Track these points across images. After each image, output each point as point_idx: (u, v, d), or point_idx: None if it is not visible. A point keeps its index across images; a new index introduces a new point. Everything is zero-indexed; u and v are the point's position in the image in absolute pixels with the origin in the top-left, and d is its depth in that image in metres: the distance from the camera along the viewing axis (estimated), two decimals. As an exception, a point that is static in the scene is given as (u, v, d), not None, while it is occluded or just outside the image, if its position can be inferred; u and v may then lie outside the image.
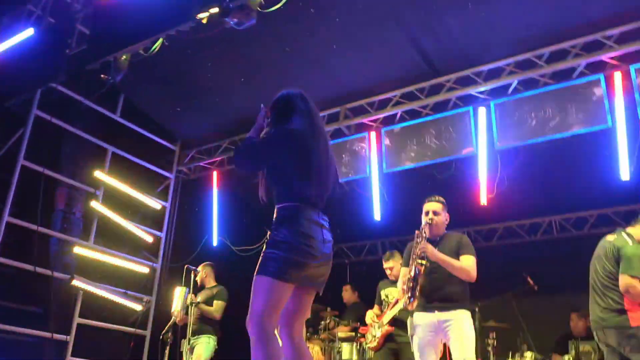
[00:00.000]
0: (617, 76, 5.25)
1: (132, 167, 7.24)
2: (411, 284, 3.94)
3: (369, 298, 7.40)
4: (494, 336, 5.79)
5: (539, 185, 6.74)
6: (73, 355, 6.09)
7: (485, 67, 5.78)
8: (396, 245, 8.38)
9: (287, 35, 5.93)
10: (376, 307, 5.62)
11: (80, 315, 6.31)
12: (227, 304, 6.24)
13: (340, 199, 3.10)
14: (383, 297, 5.46)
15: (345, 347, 6.10)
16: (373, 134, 6.44)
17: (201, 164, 7.83)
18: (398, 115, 6.36)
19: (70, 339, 6.05)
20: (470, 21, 5.38)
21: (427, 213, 4.22)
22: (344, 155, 6.60)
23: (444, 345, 4.04)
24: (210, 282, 6.52)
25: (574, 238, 7.45)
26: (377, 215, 6.47)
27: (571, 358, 5.41)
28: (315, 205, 2.80)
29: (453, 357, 3.87)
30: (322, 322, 6.48)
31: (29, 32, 5.64)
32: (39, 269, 5.85)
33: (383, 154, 6.33)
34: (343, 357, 6.05)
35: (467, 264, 4.02)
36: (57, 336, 5.92)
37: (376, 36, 5.73)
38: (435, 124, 6.05)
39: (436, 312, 3.98)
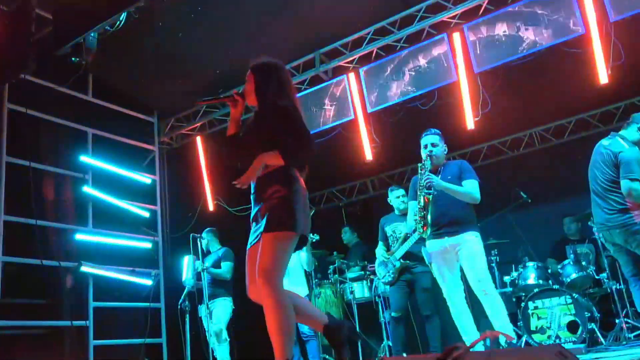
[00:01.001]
0: (585, -19, 5.29)
1: (115, 146, 7.15)
2: (422, 213, 4.12)
3: (368, 236, 7.62)
4: (496, 252, 6.06)
5: (518, 101, 6.87)
6: (95, 338, 6.17)
7: (454, -9, 5.77)
8: (387, 181, 8.53)
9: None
10: (381, 243, 5.75)
11: (94, 299, 6.37)
12: (234, 264, 6.38)
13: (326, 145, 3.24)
14: (390, 233, 5.59)
15: (357, 286, 6.31)
16: (352, 75, 6.44)
17: (182, 131, 7.77)
18: (374, 53, 6.34)
19: (90, 323, 6.13)
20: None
21: (425, 146, 4.37)
22: (326, 101, 6.61)
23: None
24: (215, 246, 6.64)
25: (556, 146, 7.67)
26: (368, 155, 6.55)
27: (571, 261, 5.67)
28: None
29: (467, 277, 4.08)
30: (331, 266, 6.67)
31: (-15, 25, 5.41)
32: (45, 262, 5.84)
33: (365, 93, 6.35)
34: (357, 296, 6.26)
35: (470, 187, 4.20)
36: (76, 323, 5.99)
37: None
38: (411, 55, 6.06)
39: (446, 237, 4.19)
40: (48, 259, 6.06)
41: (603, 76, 5.26)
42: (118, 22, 5.15)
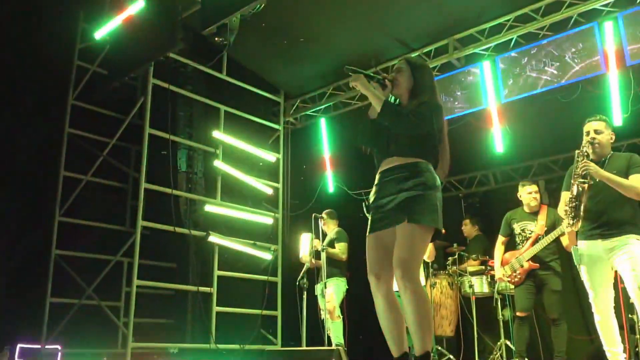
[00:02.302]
0: None
1: (243, 123, 7.41)
2: (574, 204, 3.76)
3: (486, 229, 7.37)
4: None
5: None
6: (217, 305, 6.50)
7: (610, -25, 5.34)
8: (510, 174, 8.18)
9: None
10: (501, 237, 5.51)
11: (218, 268, 6.69)
12: (348, 244, 6.45)
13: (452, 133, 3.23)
14: (518, 230, 5.35)
15: (476, 281, 6.15)
16: (487, 63, 6.19)
17: (307, 112, 7.91)
18: (513, 41, 6.05)
19: (214, 290, 6.46)
20: None
21: (587, 133, 3.94)
22: (457, 90, 6.42)
23: (615, 273, 3.86)
24: (331, 228, 6.73)
25: None
26: (499, 147, 6.30)
27: None
28: None
29: (626, 285, 3.69)
30: (450, 258, 6.55)
31: (139, 5, 5.76)
32: (178, 229, 6.23)
33: (500, 82, 6.09)
34: (475, 291, 6.10)
35: (638, 182, 3.70)
36: (202, 289, 6.34)
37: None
38: (555, 45, 5.72)
39: (599, 240, 3.79)
40: (180, 227, 6.47)
41: None
42: (259, 5, 5.27)
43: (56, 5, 6.35)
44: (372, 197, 3.01)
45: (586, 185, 3.72)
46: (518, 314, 5.14)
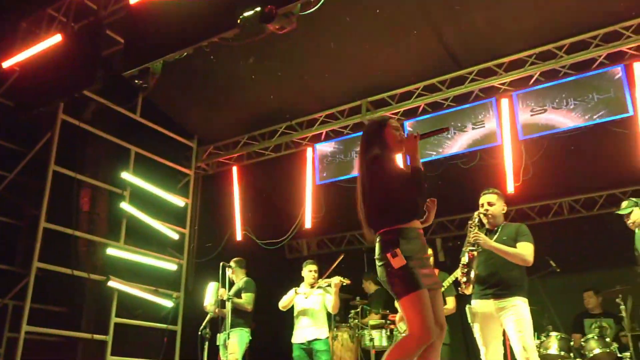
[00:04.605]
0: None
1: (153, 166, 7.30)
2: (465, 270, 4.11)
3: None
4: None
5: (555, 171, 6.94)
6: (112, 354, 6.18)
7: (507, 59, 5.94)
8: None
9: (309, 29, 5.95)
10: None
11: (115, 315, 6.39)
12: (255, 295, 6.40)
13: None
14: None
15: (376, 334, 6.30)
16: (396, 127, 6.56)
17: (220, 159, 7.91)
18: (420, 108, 6.51)
19: (109, 338, 6.14)
20: (494, 14, 5.54)
21: (482, 205, 4.34)
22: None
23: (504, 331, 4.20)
24: (239, 276, 6.66)
25: (584, 218, 7.70)
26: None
27: (595, 336, 5.65)
28: None
29: (512, 344, 4.03)
30: (352, 311, 6.68)
31: (56, 39, 5.62)
32: (76, 272, 5.92)
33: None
34: (375, 344, 6.25)
35: (523, 249, 4.12)
36: (97, 336, 6.02)
37: (402, 29, 5.84)
38: (458, 115, 6.21)
39: (492, 299, 4.11)
40: (78, 270, 6.15)
41: (645, 159, 5.36)
42: (185, 53, 5.31)
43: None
44: (413, 247, 3.05)
45: (475, 253, 4.10)
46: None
